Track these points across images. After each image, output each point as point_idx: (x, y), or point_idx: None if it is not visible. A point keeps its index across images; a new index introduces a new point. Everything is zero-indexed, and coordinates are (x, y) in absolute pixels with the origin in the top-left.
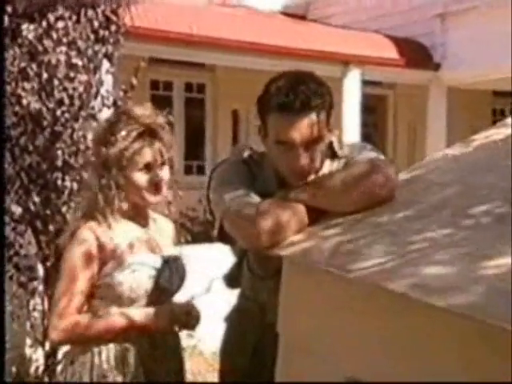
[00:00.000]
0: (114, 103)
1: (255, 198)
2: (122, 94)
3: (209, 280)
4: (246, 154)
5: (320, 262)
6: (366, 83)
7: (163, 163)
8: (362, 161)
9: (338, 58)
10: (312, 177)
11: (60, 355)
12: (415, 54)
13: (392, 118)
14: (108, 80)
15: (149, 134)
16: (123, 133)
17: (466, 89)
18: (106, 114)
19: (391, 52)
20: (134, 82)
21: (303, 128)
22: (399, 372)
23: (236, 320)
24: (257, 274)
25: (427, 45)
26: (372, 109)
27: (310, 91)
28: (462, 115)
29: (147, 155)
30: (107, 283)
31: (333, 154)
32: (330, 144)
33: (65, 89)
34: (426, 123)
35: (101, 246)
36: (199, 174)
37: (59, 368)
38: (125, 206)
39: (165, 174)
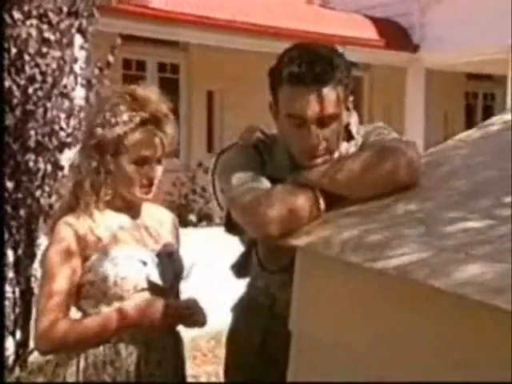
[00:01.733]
0: (88, 81)
1: (265, 184)
2: (97, 71)
3: (188, 265)
4: (255, 137)
5: (342, 254)
6: None
7: (161, 158)
8: (382, 143)
9: (319, 37)
10: (326, 159)
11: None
12: (395, 34)
13: (367, 101)
14: (82, 57)
15: (153, 122)
16: (125, 117)
17: (439, 71)
18: (79, 92)
19: (371, 33)
20: (111, 59)
21: (316, 102)
22: (421, 370)
23: (245, 310)
24: (266, 267)
25: (405, 26)
26: None
27: (325, 63)
28: (436, 98)
29: (147, 147)
30: (90, 280)
31: (349, 136)
32: (347, 125)
33: (37, 65)
34: (403, 106)
35: (81, 240)
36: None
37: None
38: (110, 195)
39: (160, 169)
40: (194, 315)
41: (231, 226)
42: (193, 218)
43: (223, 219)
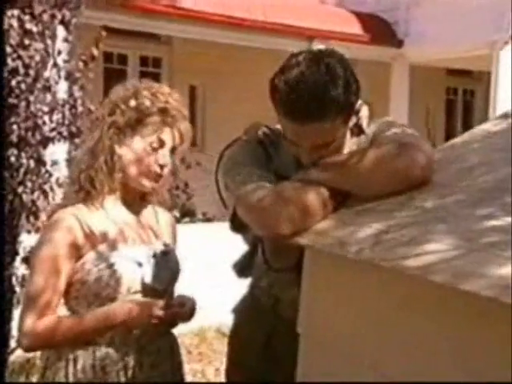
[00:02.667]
0: (72, 75)
1: (272, 182)
2: (81, 65)
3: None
4: (260, 132)
5: (359, 254)
6: None
7: (175, 148)
8: (393, 138)
9: (303, 32)
10: (333, 155)
11: (13, 343)
12: (379, 30)
13: None
14: (65, 49)
15: (172, 115)
16: (147, 101)
17: (421, 67)
18: (63, 86)
19: (356, 28)
20: (95, 52)
21: (311, 135)
22: (433, 373)
23: (247, 312)
24: (272, 266)
25: (390, 21)
26: None
27: (323, 99)
28: (418, 93)
29: (165, 132)
30: (82, 279)
31: (359, 131)
32: (357, 120)
33: (19, 57)
34: (387, 101)
35: (88, 235)
36: None
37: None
38: (115, 183)
39: (171, 163)
40: (185, 311)
41: (237, 225)
42: (176, 213)
43: (229, 217)
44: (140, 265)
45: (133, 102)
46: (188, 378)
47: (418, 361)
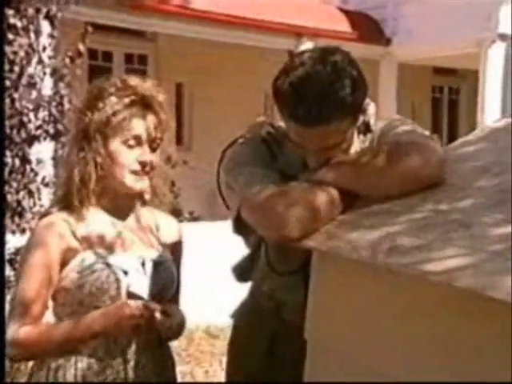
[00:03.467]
0: (57, 71)
1: (277, 182)
2: (68, 61)
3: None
4: (264, 130)
5: (374, 259)
6: None
7: (156, 144)
8: (403, 137)
9: (291, 29)
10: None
11: None
12: (367, 28)
13: None
14: (50, 45)
15: (144, 104)
16: (113, 98)
17: (407, 65)
18: (48, 83)
19: (344, 25)
20: (82, 48)
21: (317, 139)
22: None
23: (248, 317)
24: (276, 269)
25: (378, 19)
26: None
27: (330, 103)
28: (405, 91)
29: (138, 126)
30: (66, 287)
31: (366, 129)
32: (364, 119)
33: (3, 53)
34: (376, 98)
35: (80, 240)
36: None
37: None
38: (99, 189)
39: (155, 158)
40: (170, 322)
41: (240, 227)
42: None
43: (232, 219)
44: (126, 273)
45: (97, 104)
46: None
47: (429, 367)
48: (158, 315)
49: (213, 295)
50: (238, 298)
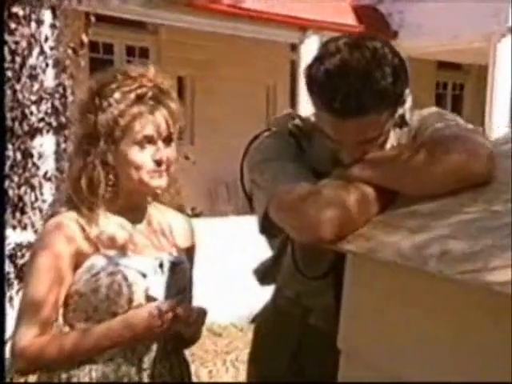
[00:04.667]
0: (60, 63)
1: (311, 179)
2: (70, 52)
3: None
4: (292, 123)
5: (424, 265)
6: None
7: (169, 138)
8: (448, 131)
9: (296, 22)
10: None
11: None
12: (373, 21)
13: None
14: (52, 35)
15: (151, 97)
16: (117, 95)
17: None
18: (50, 74)
19: (350, 18)
20: (85, 39)
21: (353, 132)
22: None
23: (271, 323)
24: (304, 273)
25: (384, 12)
26: None
27: (369, 93)
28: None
29: (148, 124)
30: (79, 291)
31: (402, 122)
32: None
33: (4, 42)
34: None
35: (92, 242)
36: None
37: None
38: (110, 193)
39: (171, 152)
40: (194, 324)
41: (268, 228)
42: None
43: (258, 218)
44: (144, 276)
45: (100, 104)
46: None
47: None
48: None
49: (217, 292)
50: (241, 296)
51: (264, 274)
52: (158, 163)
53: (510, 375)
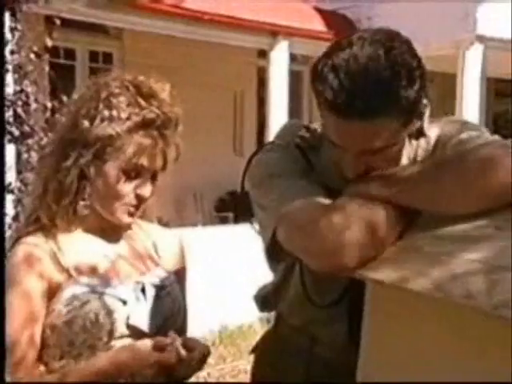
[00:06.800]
0: (20, 68)
1: (323, 197)
2: (33, 57)
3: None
4: (297, 134)
5: (473, 301)
6: None
7: (157, 173)
8: (477, 144)
9: (266, 27)
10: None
11: None
12: (343, 27)
13: (307, 99)
14: (12, 39)
15: (158, 127)
16: (124, 113)
17: None
18: (9, 80)
19: (320, 25)
20: (49, 43)
21: (361, 138)
22: None
23: (276, 353)
24: (314, 300)
25: (353, 18)
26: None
27: (382, 94)
28: None
29: (145, 155)
30: (51, 324)
31: (418, 133)
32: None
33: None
34: None
35: (67, 270)
36: None
37: None
38: (85, 210)
39: (154, 187)
40: (193, 359)
41: (276, 252)
42: None
43: (264, 243)
44: (124, 302)
45: (102, 114)
46: None
47: None
48: (182, 352)
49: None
50: (212, 308)
51: (265, 300)
52: (139, 199)
53: None
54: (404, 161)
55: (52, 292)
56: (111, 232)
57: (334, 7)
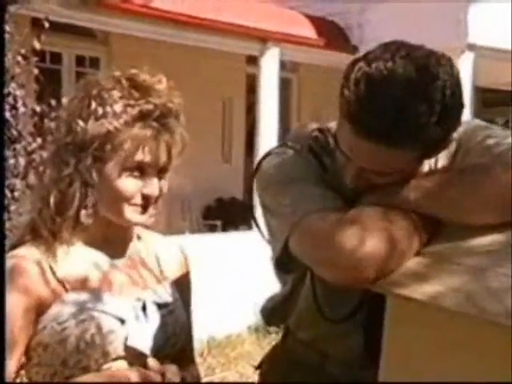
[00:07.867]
0: (7, 71)
1: (339, 204)
2: (20, 59)
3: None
4: (310, 136)
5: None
6: None
7: (166, 169)
8: (500, 148)
9: (255, 33)
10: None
11: None
12: (334, 34)
13: (296, 107)
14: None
15: (157, 118)
16: (118, 107)
17: None
18: None
19: (310, 31)
20: (37, 46)
21: (370, 156)
22: None
23: (284, 369)
24: (326, 315)
25: (343, 25)
26: None
27: (407, 123)
28: None
29: (147, 151)
30: (43, 342)
31: None
32: None
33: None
34: (334, 109)
35: (58, 284)
36: None
37: None
38: (88, 219)
39: (164, 184)
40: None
41: (286, 263)
42: None
43: (274, 253)
44: (122, 321)
45: (95, 111)
46: None
47: None
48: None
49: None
50: (198, 317)
51: (272, 313)
52: (146, 198)
53: None
54: (424, 165)
55: (43, 306)
56: (113, 245)
57: (325, 13)
